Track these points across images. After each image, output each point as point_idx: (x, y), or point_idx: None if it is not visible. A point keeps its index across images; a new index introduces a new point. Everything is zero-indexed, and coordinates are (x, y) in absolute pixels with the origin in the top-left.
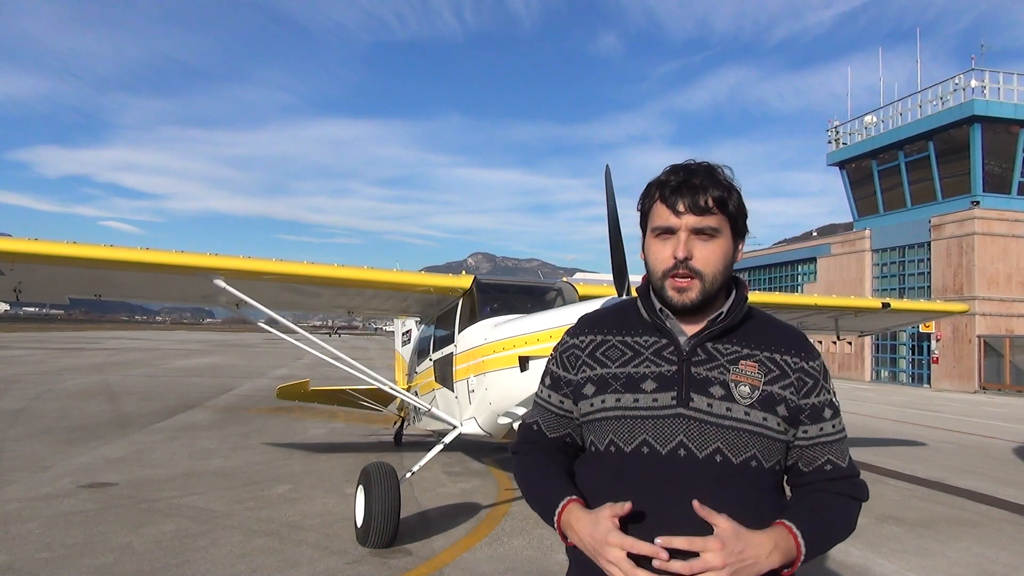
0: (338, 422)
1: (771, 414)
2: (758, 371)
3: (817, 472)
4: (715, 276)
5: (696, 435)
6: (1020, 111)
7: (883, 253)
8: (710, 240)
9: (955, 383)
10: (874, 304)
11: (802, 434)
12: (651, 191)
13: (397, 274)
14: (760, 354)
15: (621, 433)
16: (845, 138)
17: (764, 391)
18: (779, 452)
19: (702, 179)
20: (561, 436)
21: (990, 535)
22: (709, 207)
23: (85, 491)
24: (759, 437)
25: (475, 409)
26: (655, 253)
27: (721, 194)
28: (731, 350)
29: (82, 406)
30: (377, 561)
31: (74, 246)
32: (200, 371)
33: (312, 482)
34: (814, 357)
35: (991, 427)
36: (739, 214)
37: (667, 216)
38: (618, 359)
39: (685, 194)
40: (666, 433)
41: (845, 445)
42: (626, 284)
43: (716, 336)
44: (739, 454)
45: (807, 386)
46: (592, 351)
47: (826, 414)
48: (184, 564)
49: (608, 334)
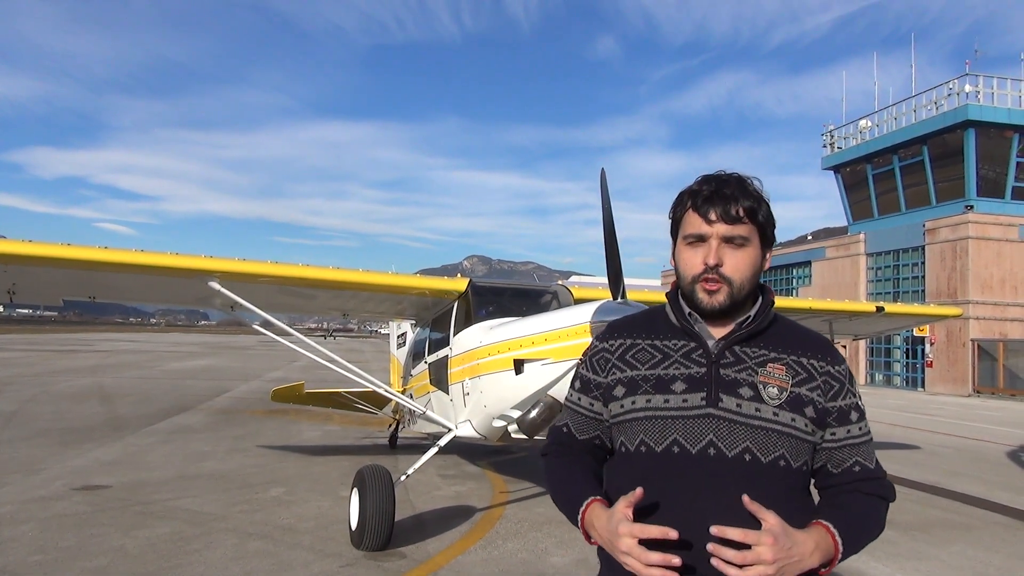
0: (333, 425)
1: (799, 415)
2: (786, 373)
3: (846, 474)
4: (743, 283)
5: (726, 434)
6: (1014, 116)
7: (877, 257)
8: (740, 248)
9: (949, 387)
10: (868, 308)
11: (830, 436)
12: (683, 200)
13: (392, 277)
14: (787, 357)
15: (652, 433)
16: (840, 142)
17: (792, 392)
18: (806, 453)
19: (733, 189)
20: (590, 438)
21: (984, 538)
22: (740, 216)
23: (79, 494)
24: (787, 437)
25: (470, 412)
26: (686, 260)
27: (752, 204)
28: (759, 353)
29: (76, 408)
30: (372, 564)
31: (69, 248)
32: (195, 373)
33: (307, 485)
34: (839, 362)
35: (985, 431)
36: (768, 224)
37: (699, 224)
38: (648, 361)
39: (717, 203)
40: (696, 433)
41: (871, 447)
42: (621, 287)
43: (744, 339)
44: (768, 454)
45: (833, 389)
46: (622, 354)
47: (852, 417)
48: (178, 567)
49: (638, 338)
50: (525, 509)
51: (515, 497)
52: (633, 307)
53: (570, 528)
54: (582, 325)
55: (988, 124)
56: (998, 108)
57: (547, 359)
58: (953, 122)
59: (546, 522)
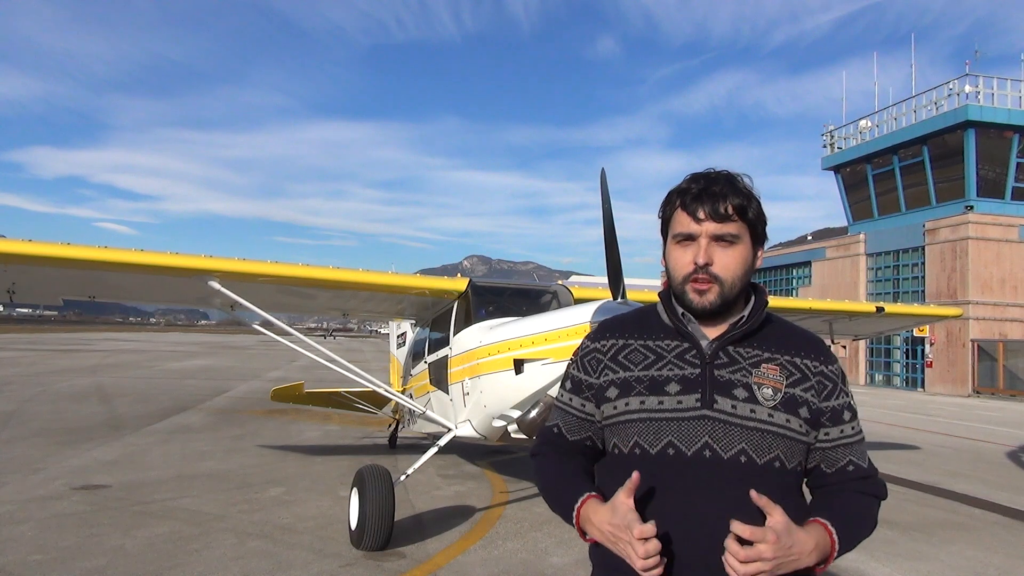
0: (333, 424)
1: (794, 416)
2: (780, 374)
3: (840, 473)
4: (734, 282)
5: (721, 436)
6: (1014, 116)
7: (877, 257)
8: (730, 247)
9: (949, 387)
10: (868, 308)
11: (824, 436)
12: (672, 199)
13: (392, 276)
14: (781, 358)
15: (646, 435)
16: (840, 142)
17: (786, 393)
18: (801, 453)
19: (722, 187)
20: (582, 439)
21: (983, 539)
22: (729, 214)
23: (78, 493)
24: (782, 438)
25: (470, 412)
26: (676, 259)
27: (741, 202)
28: (752, 354)
29: (75, 408)
30: (371, 564)
31: (68, 247)
32: (194, 373)
33: (306, 485)
34: (832, 361)
35: (984, 431)
36: (758, 221)
37: (688, 223)
38: (641, 362)
39: (705, 201)
40: (691, 435)
41: (864, 446)
42: (621, 286)
43: (737, 340)
44: (763, 455)
45: (827, 389)
46: (614, 355)
47: (845, 416)
48: (177, 567)
49: (630, 338)
50: (525, 509)
51: (515, 497)
52: (633, 307)
53: (570, 528)
54: (582, 325)
55: (988, 124)
56: (998, 108)
57: (547, 359)
58: (953, 122)
59: (546, 522)
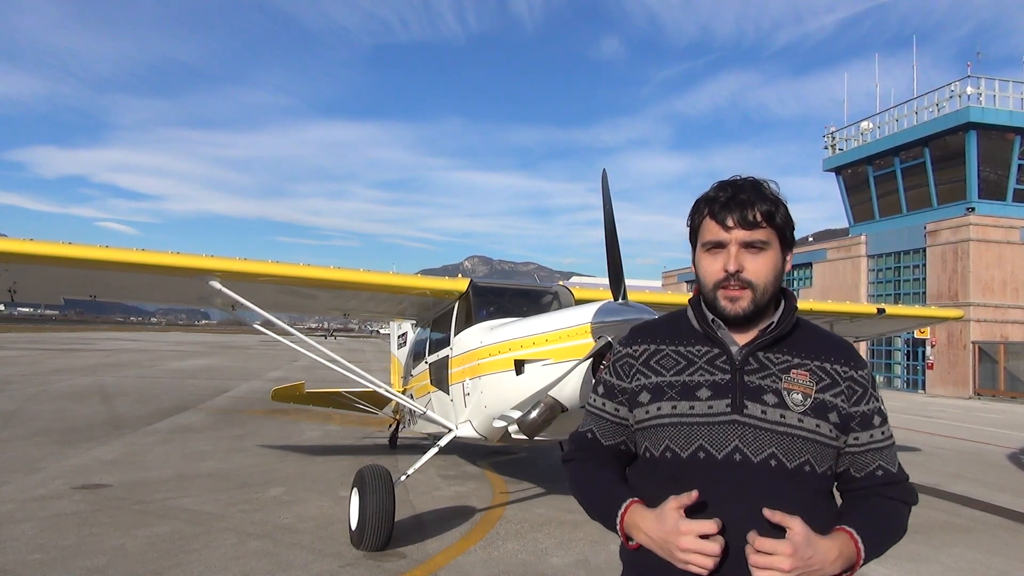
0: (333, 425)
1: (824, 421)
2: (809, 379)
3: (869, 477)
4: (766, 287)
5: (751, 440)
6: (1015, 118)
7: (878, 259)
8: (760, 253)
9: (950, 389)
10: (869, 310)
11: (853, 441)
12: (700, 207)
13: (393, 277)
14: (811, 363)
15: (677, 439)
16: (842, 144)
17: (816, 399)
18: (831, 458)
19: (749, 194)
20: (616, 443)
21: (984, 541)
22: (758, 221)
23: (79, 492)
24: (812, 443)
25: (470, 412)
26: (706, 266)
27: (769, 208)
28: (782, 359)
29: (76, 407)
30: (371, 564)
31: (70, 247)
32: (195, 373)
33: (306, 485)
34: (862, 366)
35: (985, 433)
36: (787, 226)
37: (717, 231)
38: (672, 368)
39: (734, 209)
40: (721, 439)
41: (894, 451)
42: (622, 287)
43: (767, 346)
44: (793, 459)
45: (857, 394)
46: (646, 360)
47: (875, 421)
48: (177, 566)
49: (661, 344)
50: (525, 510)
51: (515, 498)
52: (634, 308)
53: (570, 529)
54: (583, 326)
55: (990, 126)
56: (1000, 110)
57: (548, 360)
58: (955, 124)
59: (546, 523)
